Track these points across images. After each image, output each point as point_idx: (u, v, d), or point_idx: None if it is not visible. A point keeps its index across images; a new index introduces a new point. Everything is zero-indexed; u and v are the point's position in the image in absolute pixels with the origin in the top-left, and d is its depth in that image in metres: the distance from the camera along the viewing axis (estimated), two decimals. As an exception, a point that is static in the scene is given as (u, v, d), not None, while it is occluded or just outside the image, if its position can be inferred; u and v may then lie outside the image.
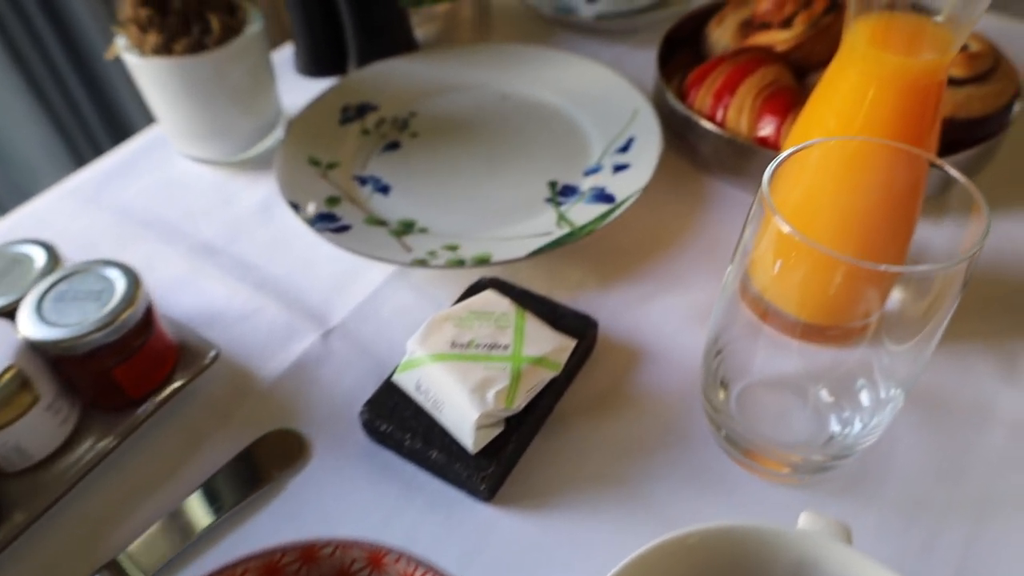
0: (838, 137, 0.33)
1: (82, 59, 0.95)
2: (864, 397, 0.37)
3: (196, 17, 0.51)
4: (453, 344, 0.37)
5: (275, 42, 0.71)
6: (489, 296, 0.40)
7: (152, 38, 0.50)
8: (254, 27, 0.53)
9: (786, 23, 0.54)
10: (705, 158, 0.54)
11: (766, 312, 0.39)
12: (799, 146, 0.30)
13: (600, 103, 0.58)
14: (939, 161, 0.30)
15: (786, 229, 0.28)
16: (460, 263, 0.45)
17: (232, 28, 0.52)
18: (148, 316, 0.39)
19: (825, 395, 0.38)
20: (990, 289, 0.45)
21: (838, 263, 0.35)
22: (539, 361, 0.36)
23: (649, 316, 0.45)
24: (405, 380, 0.38)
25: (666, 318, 0.45)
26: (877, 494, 0.37)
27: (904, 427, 0.39)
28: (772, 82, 0.51)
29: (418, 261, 0.46)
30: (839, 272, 0.36)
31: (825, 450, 0.36)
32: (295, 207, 0.49)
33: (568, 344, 0.38)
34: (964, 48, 0.48)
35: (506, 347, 0.37)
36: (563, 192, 0.52)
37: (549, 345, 0.37)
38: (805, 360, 0.38)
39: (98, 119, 0.97)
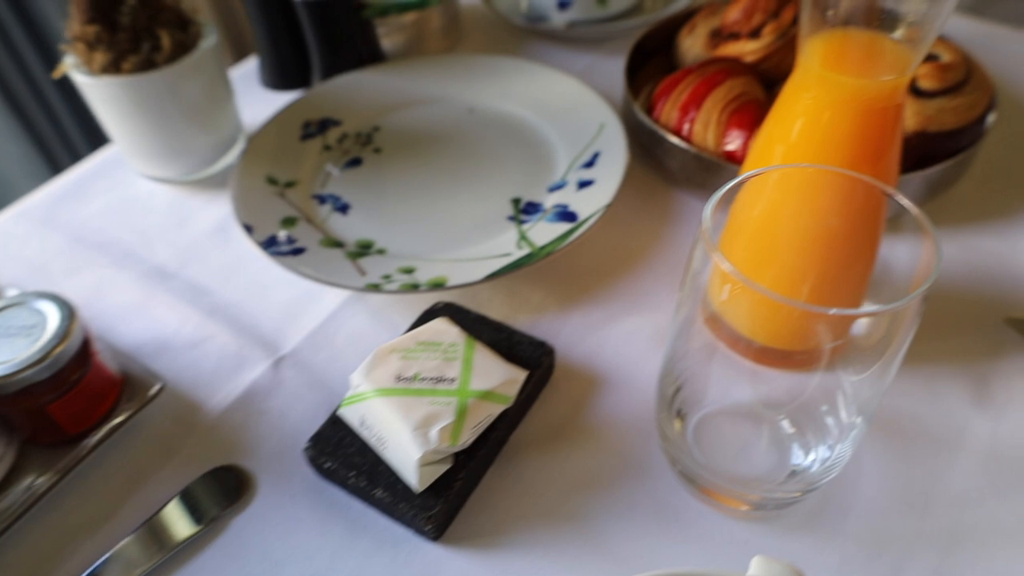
0: (789, 165, 0.32)
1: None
2: (825, 425, 0.35)
3: (146, 34, 0.50)
4: (398, 378, 0.36)
5: (240, 55, 0.70)
6: (439, 325, 0.38)
7: (100, 56, 0.49)
8: (208, 42, 0.52)
9: (755, 33, 0.52)
10: (673, 172, 0.52)
11: (723, 332, 0.38)
12: (739, 178, 0.29)
13: (567, 116, 0.57)
14: (890, 191, 0.28)
15: (726, 268, 0.27)
16: (414, 287, 0.44)
17: (184, 44, 0.51)
18: (85, 350, 0.38)
19: (786, 425, 0.37)
20: (962, 307, 0.44)
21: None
22: (486, 395, 0.35)
23: (611, 339, 0.44)
24: (350, 414, 0.37)
25: (628, 341, 0.44)
26: (840, 527, 0.35)
27: (869, 456, 0.38)
28: (739, 95, 0.49)
29: (371, 286, 0.44)
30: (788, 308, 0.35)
31: (786, 487, 0.35)
32: (248, 229, 0.48)
33: (518, 376, 0.36)
34: (935, 59, 0.47)
35: (453, 380, 0.35)
36: (526, 210, 0.51)
37: (498, 378, 0.36)
38: (764, 387, 0.37)
39: (78, 132, 0.95)
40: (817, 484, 0.34)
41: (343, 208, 0.52)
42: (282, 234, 0.49)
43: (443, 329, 0.38)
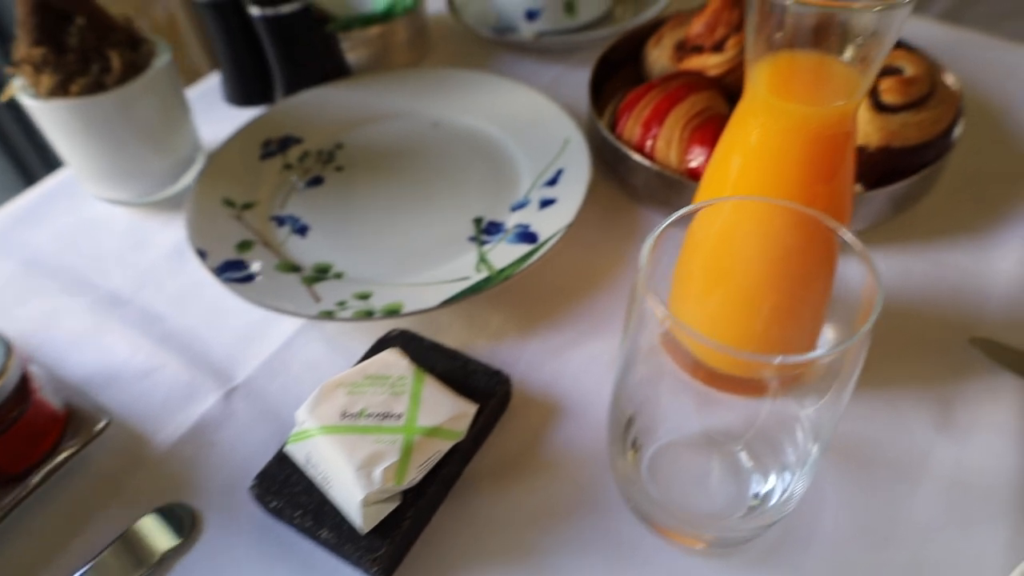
0: (730, 198, 0.31)
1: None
2: (783, 455, 0.35)
3: (95, 55, 0.48)
4: (343, 414, 0.34)
5: (203, 70, 0.69)
6: (389, 357, 0.37)
7: (47, 79, 0.48)
8: (161, 61, 0.51)
9: (718, 47, 0.51)
10: (637, 189, 0.51)
11: (677, 353, 0.37)
12: (680, 212, 0.28)
13: (532, 131, 0.56)
14: (833, 224, 0.27)
15: (660, 314, 0.26)
16: (369, 315, 0.43)
17: (136, 64, 0.50)
18: (23, 387, 0.37)
19: (744, 457, 0.36)
20: (928, 326, 0.43)
21: (734, 328, 0.33)
22: (434, 432, 0.34)
23: (571, 365, 0.43)
24: (296, 452, 0.35)
25: (588, 367, 0.43)
26: (800, 562, 0.34)
27: (829, 486, 0.37)
28: (702, 110, 0.48)
29: (325, 313, 0.43)
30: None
31: (743, 524, 0.34)
32: (202, 255, 0.47)
33: (468, 410, 0.35)
34: (899, 72, 0.46)
35: (399, 416, 0.34)
36: (488, 229, 0.50)
37: (446, 412, 0.35)
38: (718, 415, 0.36)
39: (34, 154, 0.94)
40: (776, 519, 0.34)
41: (302, 230, 0.51)
42: (238, 258, 0.47)
43: (392, 361, 0.37)
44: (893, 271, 0.46)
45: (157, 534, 0.37)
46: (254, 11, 0.56)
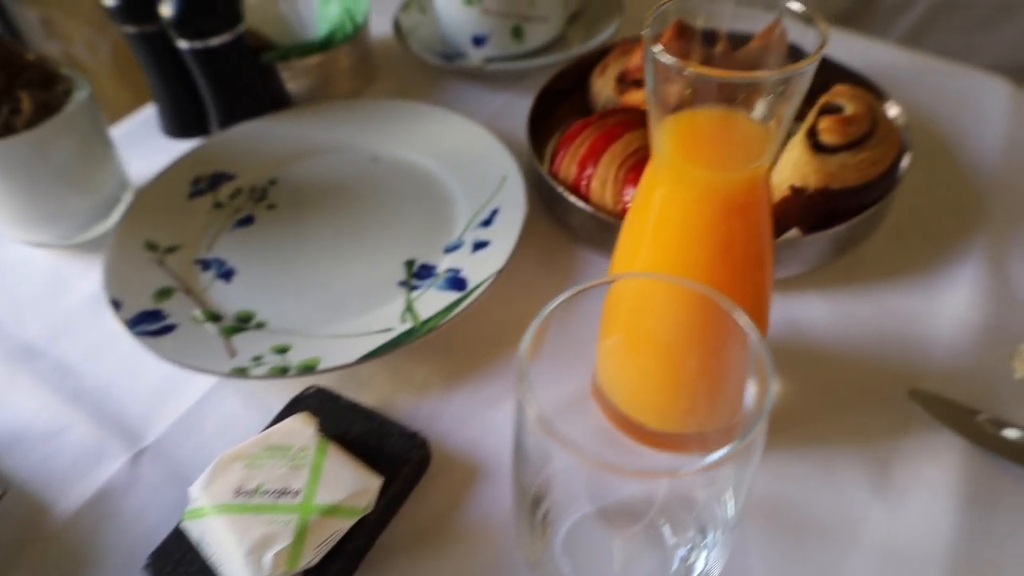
0: (621, 276, 0.29)
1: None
2: (703, 524, 0.33)
3: (4, 96, 0.46)
4: (238, 492, 0.33)
5: (138, 101, 0.67)
6: (293, 425, 0.35)
7: (-48, 122, 0.45)
8: (79, 99, 0.49)
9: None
10: (575, 230, 0.49)
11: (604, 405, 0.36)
12: (569, 292, 0.26)
13: (471, 166, 0.54)
14: (730, 307, 0.26)
15: (531, 416, 0.24)
16: (284, 371, 0.41)
17: (49, 104, 0.48)
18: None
19: (668, 531, 0.34)
20: (868, 377, 0.41)
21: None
22: (332, 510, 0.32)
23: (496, 422, 0.41)
24: (192, 529, 0.33)
25: (510, 423, 0.41)
26: (724, 640, 0.33)
27: (757, 555, 0.35)
28: (637, 149, 0.46)
29: (237, 370, 0.41)
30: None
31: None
32: (116, 305, 0.45)
33: (371, 485, 0.33)
34: (838, 111, 0.44)
35: (297, 493, 0.32)
36: (419, 273, 0.48)
37: (347, 488, 0.33)
38: (631, 485, 0.35)
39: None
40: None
41: (227, 274, 0.49)
42: (155, 308, 0.45)
43: (296, 430, 0.35)
44: (835, 315, 0.45)
45: (48, 616, 0.34)
46: (182, 44, 0.54)
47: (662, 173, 0.29)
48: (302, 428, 0.35)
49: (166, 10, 0.53)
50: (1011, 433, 0.38)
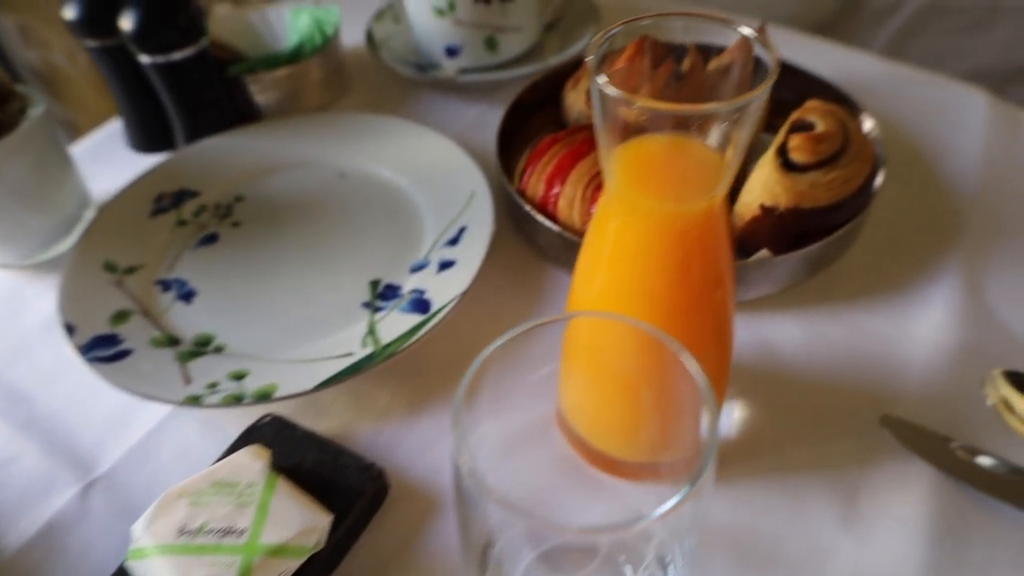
0: (579, 313, 0.28)
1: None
2: (662, 551, 0.32)
3: (-44, 115, 0.45)
4: (181, 531, 0.31)
5: (105, 115, 0.65)
6: (242, 459, 0.34)
7: (-99, 142, 0.44)
8: (33, 116, 0.48)
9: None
10: (543, 248, 0.48)
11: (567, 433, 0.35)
12: (498, 343, 0.25)
13: (440, 183, 0.53)
14: (676, 350, 0.25)
15: (463, 469, 0.23)
16: (238, 399, 0.40)
17: (3, 123, 0.46)
18: None
19: (628, 569, 0.33)
20: (840, 402, 0.40)
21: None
22: (278, 551, 0.31)
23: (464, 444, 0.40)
24: (135, 569, 0.32)
25: (477, 450, 0.40)
26: None
27: (722, 593, 0.34)
28: (606, 167, 0.45)
29: (191, 399, 0.40)
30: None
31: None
32: (70, 330, 0.44)
33: (319, 523, 0.32)
34: (810, 127, 0.43)
35: (242, 532, 0.31)
36: (384, 294, 0.47)
37: (294, 527, 0.32)
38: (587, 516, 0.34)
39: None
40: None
41: (188, 295, 0.48)
42: (111, 332, 0.44)
43: (245, 464, 0.34)
44: (808, 337, 0.44)
45: (-12, 658, 0.33)
46: (143, 58, 0.53)
47: (615, 205, 0.28)
48: (251, 463, 0.34)
49: (126, 24, 0.51)
50: (984, 461, 0.37)
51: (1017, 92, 1.27)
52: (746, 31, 0.26)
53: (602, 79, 0.25)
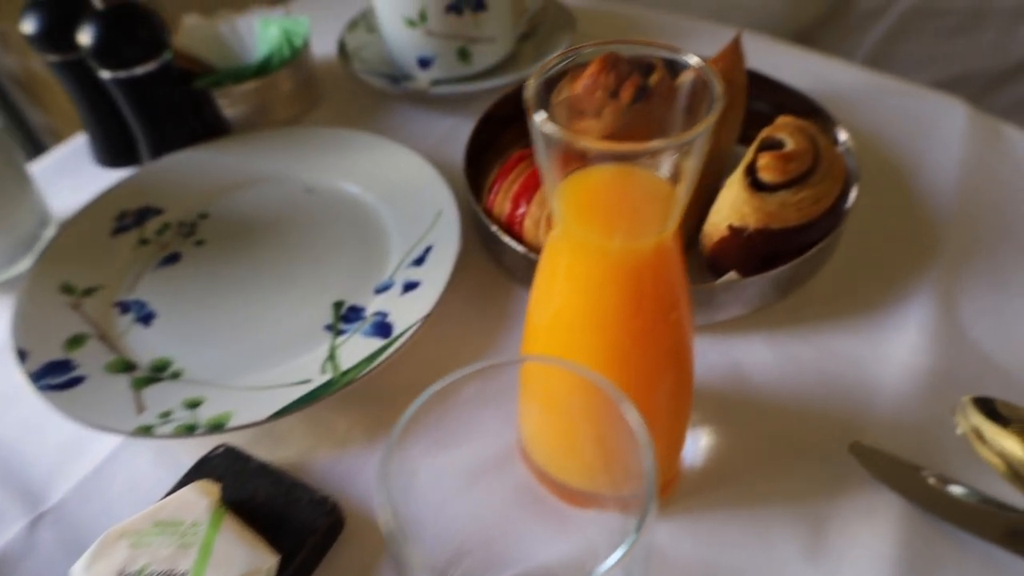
0: (515, 360, 0.27)
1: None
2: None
3: (-95, 135, 0.44)
4: (120, 574, 0.30)
5: (72, 129, 0.64)
6: (187, 496, 0.33)
7: None
8: (-13, 136, 0.46)
9: (598, 112, 0.48)
10: (510, 268, 0.47)
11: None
12: (427, 395, 0.24)
13: (408, 200, 0.52)
14: (620, 404, 0.23)
15: (384, 523, 0.22)
16: (191, 429, 0.39)
17: (-45, 143, 0.45)
18: None
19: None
20: (810, 429, 0.39)
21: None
22: (219, 595, 0.30)
23: (417, 479, 0.39)
24: (75, 612, 0.31)
25: (435, 482, 0.39)
26: None
27: (683, 631, 0.33)
28: (572, 186, 0.44)
29: (142, 429, 0.39)
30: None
31: None
32: (22, 356, 0.43)
33: (265, 563, 0.31)
34: (779, 146, 0.42)
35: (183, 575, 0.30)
36: (347, 316, 0.46)
37: (238, 569, 0.31)
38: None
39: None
40: None
41: (147, 318, 0.47)
42: (64, 358, 0.43)
43: (190, 502, 0.33)
44: (778, 359, 0.43)
45: None
46: (104, 73, 0.52)
47: (563, 242, 0.27)
48: (197, 500, 0.33)
49: (84, 39, 0.50)
50: (956, 490, 0.36)
51: (1004, 95, 1.27)
52: (694, 61, 0.25)
53: (540, 117, 0.24)
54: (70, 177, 0.60)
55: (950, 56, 1.26)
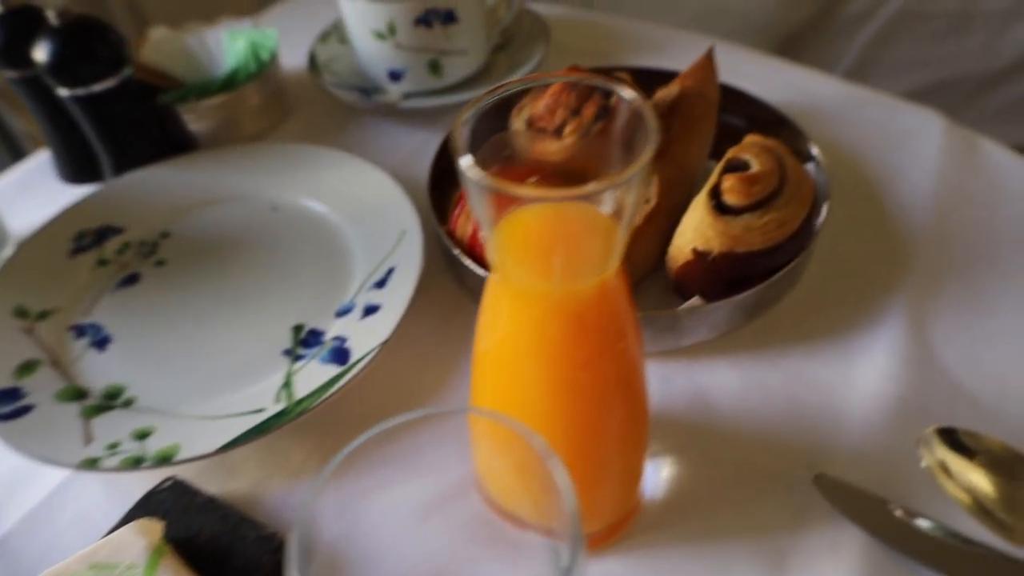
0: (458, 409, 0.26)
1: None
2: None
3: None
4: (51, 621, 0.29)
5: (35, 144, 0.63)
6: (125, 536, 0.32)
7: None
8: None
9: (559, 131, 0.47)
10: (473, 291, 0.46)
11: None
12: (343, 454, 0.23)
13: (373, 219, 0.51)
14: (543, 453, 0.23)
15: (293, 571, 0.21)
16: (138, 462, 0.38)
17: (-96, 165, 0.44)
18: None
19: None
20: (774, 459, 0.38)
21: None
22: (153, 644, 0.29)
23: (370, 513, 0.38)
24: (7, 660, 0.30)
25: (389, 515, 0.38)
26: None
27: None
28: (534, 208, 0.43)
29: (88, 461, 0.38)
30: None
31: None
32: (-30, 384, 0.42)
33: (203, 609, 0.30)
34: (744, 167, 0.41)
35: (116, 623, 0.29)
36: (307, 341, 0.45)
37: (173, 615, 0.30)
38: None
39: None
40: None
41: (102, 342, 0.46)
42: (13, 386, 0.42)
43: (128, 542, 0.32)
44: (744, 385, 0.42)
45: None
46: (62, 91, 0.51)
47: (502, 287, 0.26)
48: (134, 540, 0.32)
49: (40, 55, 0.49)
50: (922, 523, 0.35)
51: (993, 98, 1.26)
52: (628, 95, 0.24)
53: (466, 161, 0.23)
54: (33, 195, 0.59)
55: (938, 60, 1.25)
